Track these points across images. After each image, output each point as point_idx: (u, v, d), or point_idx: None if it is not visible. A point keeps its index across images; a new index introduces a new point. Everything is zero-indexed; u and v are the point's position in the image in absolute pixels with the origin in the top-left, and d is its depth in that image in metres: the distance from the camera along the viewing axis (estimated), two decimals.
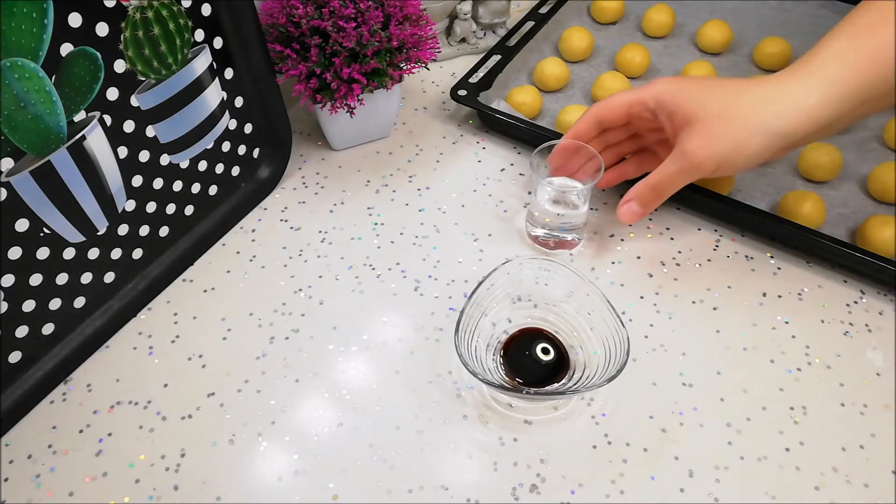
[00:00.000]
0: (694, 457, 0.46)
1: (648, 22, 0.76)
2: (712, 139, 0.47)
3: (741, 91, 0.47)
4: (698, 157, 0.48)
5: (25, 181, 0.44)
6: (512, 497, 0.44)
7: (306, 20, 0.55)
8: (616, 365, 0.45)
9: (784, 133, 0.46)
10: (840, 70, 0.45)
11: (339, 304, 0.55)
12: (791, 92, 0.46)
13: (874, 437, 0.47)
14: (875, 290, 0.55)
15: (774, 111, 0.46)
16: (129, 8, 0.46)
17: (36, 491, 0.45)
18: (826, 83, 0.45)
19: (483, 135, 0.68)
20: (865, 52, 0.45)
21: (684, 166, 0.49)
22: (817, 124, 0.46)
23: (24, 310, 0.47)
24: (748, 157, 0.47)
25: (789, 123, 0.46)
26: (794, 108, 0.46)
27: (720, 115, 0.47)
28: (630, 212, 0.53)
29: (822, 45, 0.47)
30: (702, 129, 0.47)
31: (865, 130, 0.66)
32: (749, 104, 0.46)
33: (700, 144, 0.47)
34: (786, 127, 0.46)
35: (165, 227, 0.55)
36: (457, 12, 0.74)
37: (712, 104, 0.47)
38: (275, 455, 0.47)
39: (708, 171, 0.48)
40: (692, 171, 0.49)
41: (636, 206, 0.52)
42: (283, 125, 0.62)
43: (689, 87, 0.49)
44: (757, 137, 0.46)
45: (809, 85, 0.45)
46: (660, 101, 0.50)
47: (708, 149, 0.47)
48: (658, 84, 0.51)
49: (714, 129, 0.47)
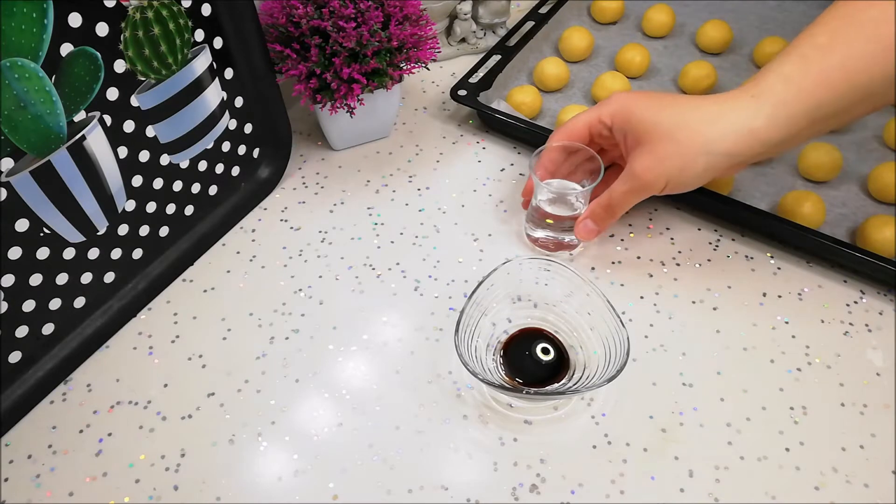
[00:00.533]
0: (694, 457, 0.46)
1: (648, 22, 0.76)
2: (660, 161, 0.48)
3: (690, 111, 0.48)
4: (647, 178, 0.49)
5: (25, 181, 0.44)
6: (512, 497, 0.44)
7: (306, 20, 0.55)
8: (616, 365, 0.45)
9: (729, 153, 0.47)
10: (786, 93, 0.45)
11: (339, 304, 0.55)
12: (737, 112, 0.46)
13: (874, 437, 0.47)
14: (875, 290, 0.55)
15: (720, 132, 0.47)
16: (129, 8, 0.46)
17: (36, 491, 0.45)
18: (772, 106, 0.45)
19: (483, 135, 0.68)
20: (813, 75, 0.45)
21: (634, 186, 0.50)
22: (764, 145, 0.46)
23: (24, 310, 0.47)
24: (695, 177, 0.49)
25: (734, 145, 0.46)
26: (740, 129, 0.46)
27: (668, 137, 0.48)
28: (586, 229, 0.54)
29: (771, 66, 0.47)
30: (651, 151, 0.49)
31: (865, 130, 0.66)
32: (696, 124, 0.47)
33: (648, 165, 0.49)
34: (731, 148, 0.47)
35: (165, 227, 0.55)
36: (457, 12, 0.74)
37: (661, 125, 0.48)
38: (275, 455, 0.47)
39: (657, 190, 0.50)
40: (641, 190, 0.50)
41: (591, 223, 0.54)
42: (283, 125, 0.62)
43: (641, 105, 0.50)
44: (702, 158, 0.47)
45: (756, 107, 0.46)
46: (614, 120, 0.51)
47: (655, 170, 0.49)
48: (613, 102, 0.51)
49: (662, 150, 0.48)
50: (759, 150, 0.47)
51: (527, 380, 0.48)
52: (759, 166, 0.63)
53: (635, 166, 0.50)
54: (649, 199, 0.61)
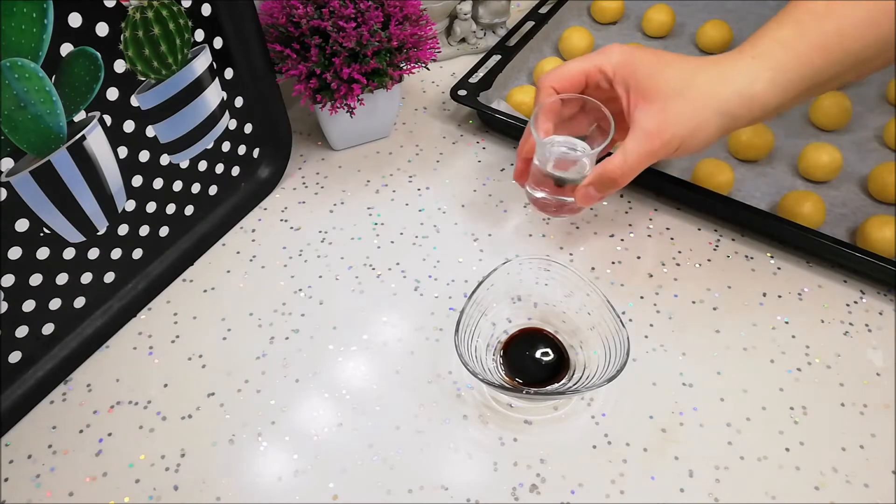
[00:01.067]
0: (694, 457, 0.46)
1: (648, 22, 0.76)
2: (673, 120, 0.45)
3: (696, 70, 0.46)
4: (662, 139, 0.46)
5: (25, 181, 0.44)
6: (512, 497, 0.44)
7: (306, 20, 0.55)
8: (616, 365, 0.45)
9: (736, 115, 0.45)
10: (785, 58, 0.44)
11: (339, 304, 0.55)
12: (739, 74, 0.45)
13: (874, 437, 0.47)
14: (875, 290, 0.55)
15: (728, 93, 0.45)
16: (129, 8, 0.46)
17: (36, 491, 0.45)
18: (771, 70, 0.45)
19: (483, 135, 0.68)
20: (810, 41, 0.44)
21: (648, 148, 0.46)
22: (762, 109, 0.45)
23: (24, 310, 0.47)
24: (706, 139, 0.46)
25: (739, 107, 0.45)
26: (743, 91, 0.45)
27: (679, 95, 0.45)
28: (588, 195, 0.50)
29: (767, 29, 0.46)
30: (662, 109, 0.46)
31: (865, 130, 0.66)
32: (704, 85, 0.45)
33: (661, 125, 0.46)
34: (738, 109, 0.45)
35: (165, 227, 0.55)
36: (457, 12, 0.74)
37: (670, 82, 0.46)
38: (275, 455, 0.47)
39: (669, 151, 0.47)
40: (655, 153, 0.47)
41: (594, 191, 0.49)
42: (283, 125, 0.62)
43: (645, 59, 0.47)
44: (714, 119, 0.45)
45: (757, 69, 0.45)
46: (617, 72, 0.48)
47: (669, 130, 0.46)
48: (615, 52, 0.48)
49: (674, 109, 0.45)
50: (757, 115, 0.46)
51: (527, 380, 0.48)
52: (759, 166, 0.63)
53: (647, 125, 0.46)
54: (649, 199, 0.61)
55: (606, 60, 0.48)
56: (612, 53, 0.48)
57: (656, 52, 0.48)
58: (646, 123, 0.46)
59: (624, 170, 0.47)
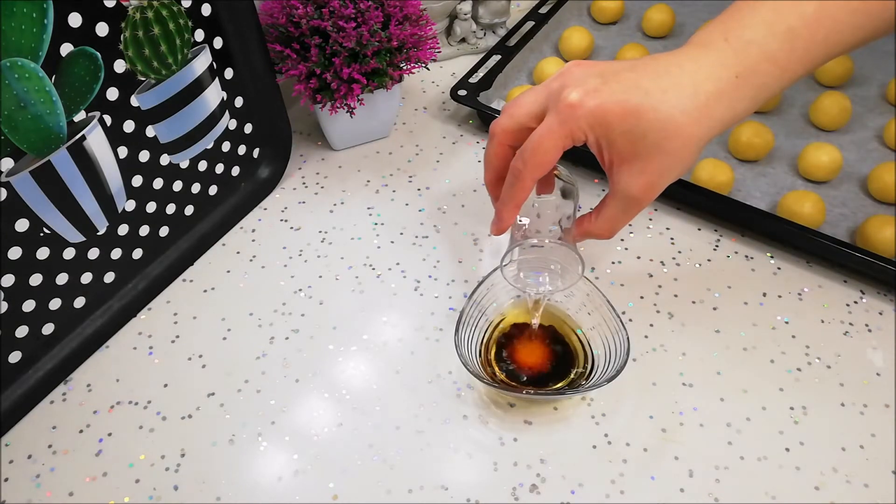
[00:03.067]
0: (694, 457, 0.46)
1: (648, 22, 0.76)
2: (658, 176, 0.44)
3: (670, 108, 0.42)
4: (648, 197, 0.45)
5: (25, 181, 0.44)
6: (512, 497, 0.44)
7: (306, 20, 0.56)
8: (616, 365, 0.45)
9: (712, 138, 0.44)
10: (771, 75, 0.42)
11: (339, 304, 0.55)
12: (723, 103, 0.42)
13: (874, 437, 0.47)
14: (875, 290, 0.55)
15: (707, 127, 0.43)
16: (129, 8, 0.46)
17: (36, 491, 0.45)
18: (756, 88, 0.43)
19: (483, 135, 0.68)
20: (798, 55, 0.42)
21: (633, 208, 0.45)
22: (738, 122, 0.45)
23: (24, 310, 0.47)
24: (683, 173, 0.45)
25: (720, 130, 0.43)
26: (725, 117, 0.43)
27: (659, 150, 0.42)
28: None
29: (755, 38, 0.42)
30: (643, 169, 0.43)
31: (865, 130, 0.66)
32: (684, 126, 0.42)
33: (645, 186, 0.44)
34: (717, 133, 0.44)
35: (165, 227, 0.55)
36: (457, 12, 0.74)
37: (648, 137, 0.42)
38: (275, 455, 0.47)
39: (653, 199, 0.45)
40: (640, 209, 0.46)
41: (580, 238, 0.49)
42: (283, 125, 0.62)
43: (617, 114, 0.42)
44: (695, 156, 0.44)
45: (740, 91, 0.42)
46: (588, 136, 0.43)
47: (654, 187, 0.44)
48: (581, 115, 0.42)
49: (657, 166, 0.43)
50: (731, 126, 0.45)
51: (527, 378, 0.48)
52: (759, 166, 0.63)
53: (631, 188, 0.44)
54: None
55: (577, 126, 0.43)
56: (579, 116, 0.42)
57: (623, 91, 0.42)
58: (628, 188, 0.44)
59: (612, 232, 0.48)
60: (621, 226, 0.47)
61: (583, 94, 0.42)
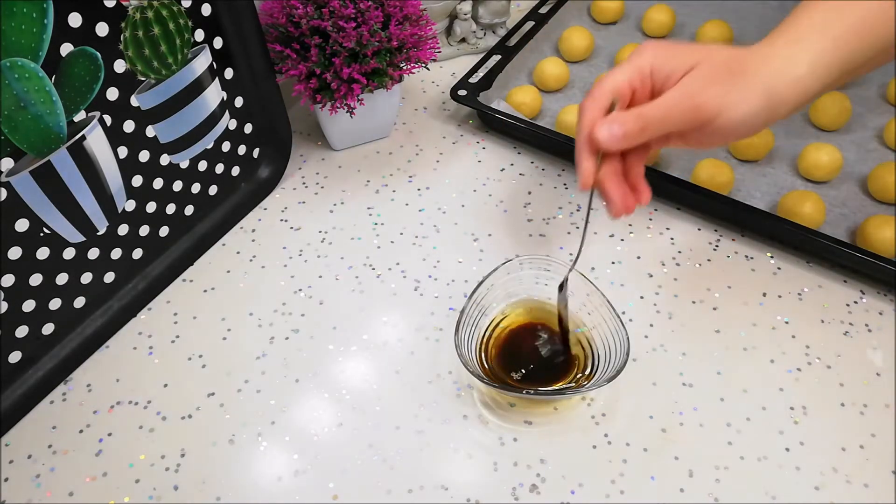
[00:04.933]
0: (694, 457, 0.46)
1: (648, 22, 0.76)
2: (716, 84, 0.43)
3: (736, 51, 0.45)
4: (702, 95, 0.43)
5: (25, 181, 0.44)
6: (512, 497, 0.44)
7: (306, 20, 0.55)
8: (616, 365, 0.45)
9: (781, 98, 0.44)
10: (823, 41, 0.44)
11: (339, 304, 0.55)
12: (780, 59, 0.44)
13: (874, 437, 0.47)
14: (875, 290, 0.55)
15: (774, 73, 0.44)
16: (129, 8, 0.46)
17: (36, 491, 0.45)
18: (812, 53, 0.44)
19: (483, 135, 0.68)
20: (847, 24, 0.44)
21: (683, 99, 0.43)
22: (805, 94, 0.44)
23: (24, 310, 0.47)
24: (748, 115, 0.43)
25: (785, 89, 0.44)
26: (787, 75, 0.44)
27: (725, 66, 0.43)
28: (611, 132, 0.44)
29: (800, 16, 0.45)
30: (706, 73, 0.43)
31: (865, 130, 0.66)
32: (750, 62, 0.44)
33: (705, 84, 0.43)
34: (783, 92, 0.44)
35: (165, 227, 0.55)
36: (457, 12, 0.74)
37: (713, 56, 0.44)
38: (275, 455, 0.47)
39: (707, 112, 0.43)
40: (690, 110, 0.43)
41: (618, 127, 0.44)
42: (283, 125, 0.62)
43: (682, 47, 0.45)
44: (760, 96, 0.43)
45: (795, 54, 0.44)
46: (655, 63, 0.45)
47: (712, 90, 0.43)
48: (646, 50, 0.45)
49: (719, 75, 0.43)
50: (801, 101, 0.44)
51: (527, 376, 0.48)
52: (759, 166, 0.63)
53: (687, 82, 0.43)
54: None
55: (640, 59, 0.45)
56: (645, 50, 0.45)
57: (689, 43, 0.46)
58: (687, 81, 0.43)
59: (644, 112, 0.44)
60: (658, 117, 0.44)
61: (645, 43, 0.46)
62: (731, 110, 0.43)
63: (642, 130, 0.44)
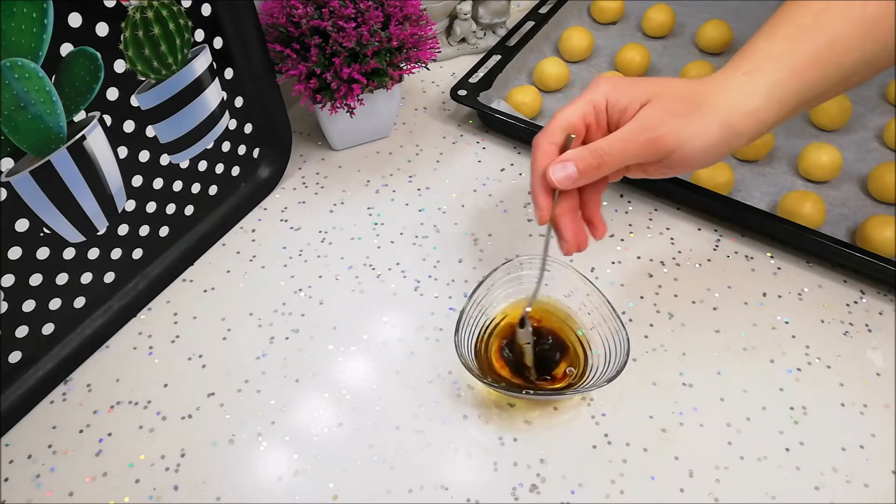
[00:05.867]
0: (694, 457, 0.46)
1: (648, 22, 0.76)
2: (675, 117, 0.43)
3: (692, 84, 0.44)
4: (660, 128, 0.43)
5: (25, 181, 0.44)
6: (512, 497, 0.44)
7: (306, 20, 0.55)
8: (616, 365, 0.45)
9: (737, 131, 0.44)
10: (779, 73, 0.43)
11: (339, 304, 0.55)
12: (735, 91, 0.44)
13: (874, 437, 0.47)
14: (875, 290, 0.55)
15: (730, 106, 0.43)
16: (129, 8, 0.46)
17: (36, 491, 0.45)
18: (767, 86, 0.43)
19: (483, 135, 0.68)
20: (803, 56, 0.43)
21: (641, 133, 0.43)
22: (760, 126, 0.44)
23: (24, 310, 0.47)
24: (704, 147, 0.43)
25: (741, 121, 0.44)
26: (742, 107, 0.43)
27: (682, 99, 0.43)
28: (565, 172, 0.44)
29: (756, 46, 0.45)
30: (665, 106, 0.43)
31: (865, 130, 0.66)
32: (706, 95, 0.44)
33: (661, 119, 0.43)
34: (739, 124, 0.43)
35: (165, 227, 0.55)
36: (457, 12, 0.74)
37: (670, 90, 0.44)
38: (275, 455, 0.47)
39: (663, 149, 0.43)
40: (648, 144, 0.43)
41: (573, 167, 0.44)
42: (283, 125, 0.62)
43: (637, 80, 0.45)
44: (716, 127, 0.43)
45: (751, 86, 0.44)
46: (609, 98, 0.45)
47: (670, 123, 0.43)
48: (601, 83, 0.45)
49: (677, 107, 0.43)
50: (758, 132, 0.44)
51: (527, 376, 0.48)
52: (759, 166, 0.63)
53: (644, 115, 0.43)
54: (649, 199, 0.61)
55: (595, 92, 0.45)
56: (599, 85, 0.45)
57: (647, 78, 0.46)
58: (645, 116, 0.43)
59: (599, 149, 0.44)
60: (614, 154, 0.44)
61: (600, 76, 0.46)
62: (690, 143, 0.43)
63: (598, 167, 0.44)
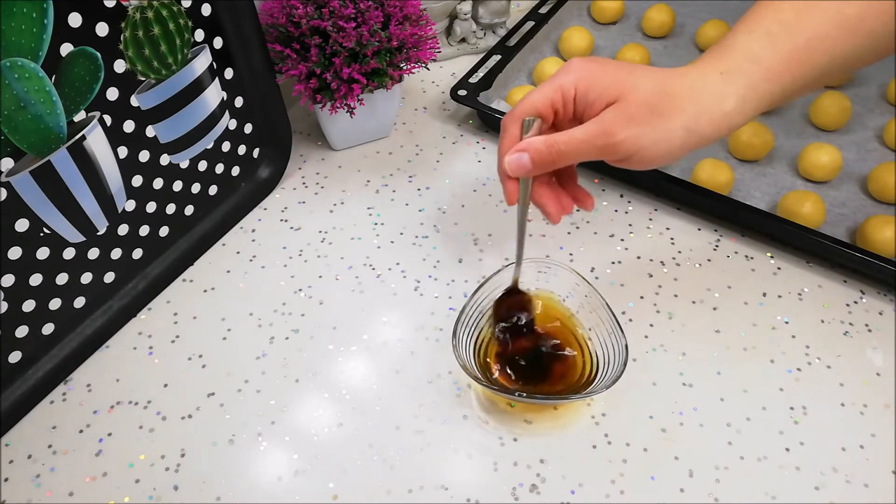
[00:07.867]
0: (694, 457, 0.46)
1: (648, 22, 0.76)
2: (637, 123, 0.43)
3: (665, 79, 0.44)
4: (618, 135, 0.43)
5: (25, 181, 0.44)
6: (512, 497, 0.44)
7: (306, 20, 0.56)
8: (613, 372, 0.45)
9: (703, 135, 0.44)
10: (756, 74, 0.43)
11: (339, 304, 0.55)
12: (709, 91, 0.43)
13: (874, 437, 0.47)
14: (875, 290, 0.55)
15: (696, 111, 0.43)
16: (129, 8, 0.46)
17: (36, 491, 0.45)
18: (742, 87, 0.43)
19: (483, 135, 0.68)
20: (781, 55, 0.43)
21: (599, 137, 0.43)
22: (731, 128, 0.44)
23: (24, 310, 0.47)
24: (667, 152, 0.44)
25: (709, 125, 0.43)
26: (713, 110, 0.43)
27: (647, 103, 0.43)
28: (519, 162, 0.44)
29: (736, 42, 0.44)
30: (626, 111, 0.43)
31: (865, 130, 0.66)
32: (675, 96, 0.43)
33: (622, 123, 0.43)
34: (706, 129, 0.43)
35: (165, 227, 0.55)
36: (457, 12, 0.74)
37: (639, 88, 0.43)
38: (275, 455, 0.47)
39: (621, 152, 0.43)
40: (605, 148, 0.43)
41: (527, 158, 0.44)
42: (283, 125, 0.62)
43: (609, 68, 0.44)
44: (680, 134, 0.43)
45: (726, 87, 0.43)
46: (579, 87, 0.44)
47: (629, 130, 0.43)
48: (574, 69, 0.45)
49: (640, 114, 0.43)
50: (724, 134, 0.44)
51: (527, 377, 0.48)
52: (759, 166, 0.63)
53: (606, 119, 0.43)
54: (649, 199, 0.61)
55: (567, 79, 0.45)
56: (571, 70, 0.45)
57: (620, 63, 0.45)
58: (605, 117, 0.43)
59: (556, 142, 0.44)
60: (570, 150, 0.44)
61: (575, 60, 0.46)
62: (649, 148, 0.44)
63: (553, 162, 0.44)
